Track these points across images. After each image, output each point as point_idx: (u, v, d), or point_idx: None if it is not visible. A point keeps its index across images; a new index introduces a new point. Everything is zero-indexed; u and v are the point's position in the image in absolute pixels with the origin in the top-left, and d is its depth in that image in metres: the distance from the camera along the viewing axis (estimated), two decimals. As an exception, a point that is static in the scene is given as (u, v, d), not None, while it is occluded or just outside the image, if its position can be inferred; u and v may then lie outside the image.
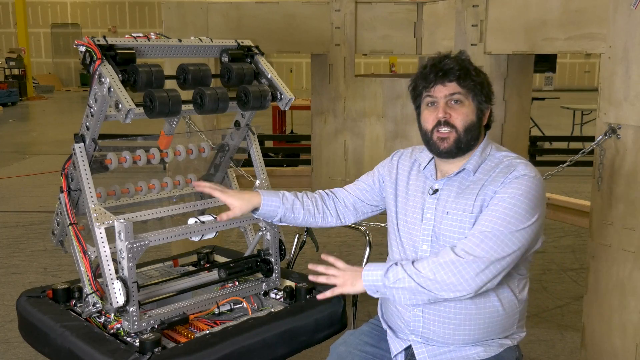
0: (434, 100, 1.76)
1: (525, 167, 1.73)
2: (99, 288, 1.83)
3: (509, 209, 1.65)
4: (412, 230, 1.84)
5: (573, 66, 24.49)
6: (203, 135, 2.82)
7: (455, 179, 1.79)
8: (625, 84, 2.36)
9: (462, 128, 1.73)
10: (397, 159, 1.99)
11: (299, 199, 1.97)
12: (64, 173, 1.93)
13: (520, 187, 1.68)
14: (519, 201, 1.66)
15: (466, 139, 1.74)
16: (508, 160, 1.76)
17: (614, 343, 2.52)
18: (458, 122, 1.74)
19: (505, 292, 1.75)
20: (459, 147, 1.75)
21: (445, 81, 1.73)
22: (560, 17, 2.71)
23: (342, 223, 2.06)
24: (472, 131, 1.75)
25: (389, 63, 21.58)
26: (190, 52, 1.98)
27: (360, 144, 3.62)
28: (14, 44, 23.31)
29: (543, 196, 1.72)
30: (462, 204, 1.74)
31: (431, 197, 1.81)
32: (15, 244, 5.14)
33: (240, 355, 1.72)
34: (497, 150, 1.81)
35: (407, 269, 1.65)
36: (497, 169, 1.75)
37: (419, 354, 1.79)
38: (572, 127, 10.54)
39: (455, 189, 1.78)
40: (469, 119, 1.74)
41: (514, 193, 1.67)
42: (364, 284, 1.70)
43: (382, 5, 3.54)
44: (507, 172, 1.72)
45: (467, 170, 1.77)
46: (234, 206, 1.88)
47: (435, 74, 1.74)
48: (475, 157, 1.78)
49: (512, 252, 1.64)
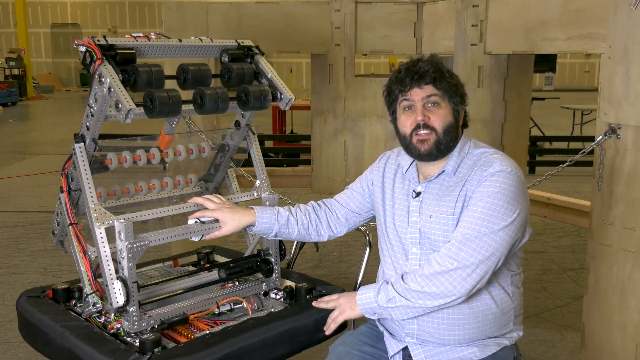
0: (411, 104, 1.77)
1: (501, 162, 1.72)
2: (99, 288, 1.83)
3: (488, 207, 1.65)
4: (400, 233, 1.84)
5: (573, 66, 24.49)
6: (203, 135, 2.82)
7: (436, 181, 1.79)
8: (625, 84, 2.36)
9: (442, 129, 1.74)
10: (384, 162, 2.00)
11: (293, 215, 1.97)
12: (64, 173, 1.93)
13: (496, 184, 1.67)
14: (497, 199, 1.66)
15: (446, 140, 1.75)
16: (485, 157, 1.76)
17: (614, 343, 2.52)
18: (437, 124, 1.74)
19: (497, 290, 1.76)
20: (439, 148, 1.76)
21: (422, 84, 1.74)
22: (560, 17, 2.70)
23: (334, 235, 2.07)
24: (450, 132, 1.76)
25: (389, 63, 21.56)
26: (190, 52, 1.98)
27: (360, 144, 3.62)
28: (14, 44, 23.31)
29: (522, 190, 1.72)
30: (445, 206, 1.74)
31: (415, 200, 1.82)
32: (15, 244, 5.14)
33: (240, 355, 1.72)
34: (476, 147, 1.81)
35: (397, 287, 1.70)
36: (476, 166, 1.75)
37: (415, 355, 1.80)
38: (572, 127, 10.54)
39: (437, 191, 1.78)
40: (447, 120, 1.75)
41: (491, 191, 1.67)
42: (360, 308, 1.78)
43: (382, 5, 3.54)
44: (484, 169, 1.72)
45: (447, 172, 1.78)
46: (225, 223, 1.87)
47: (411, 77, 1.74)
48: (453, 157, 1.78)
49: (495, 251, 1.65)
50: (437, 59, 1.79)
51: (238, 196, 2.18)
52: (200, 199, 1.93)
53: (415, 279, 1.68)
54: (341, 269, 4.46)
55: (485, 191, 1.68)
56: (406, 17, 3.55)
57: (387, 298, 1.71)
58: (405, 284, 1.69)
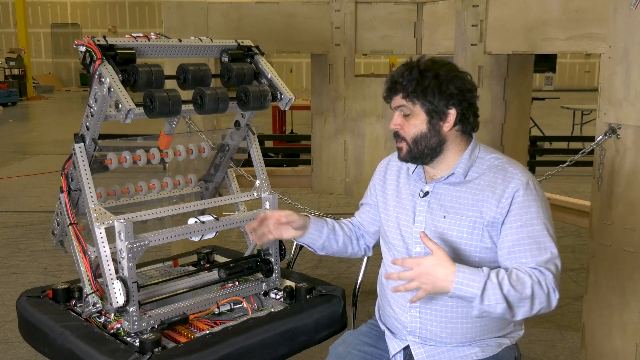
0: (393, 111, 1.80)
1: (521, 174, 1.71)
2: (99, 288, 1.83)
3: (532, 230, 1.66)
4: (403, 232, 1.84)
5: (573, 66, 24.49)
6: (203, 135, 2.82)
7: (446, 182, 1.79)
8: (625, 84, 2.36)
9: (410, 140, 1.75)
10: (384, 166, 2.00)
11: (337, 224, 2.00)
12: (64, 173, 1.94)
13: (531, 202, 1.68)
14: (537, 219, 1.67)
15: (417, 149, 1.75)
16: (500, 163, 1.76)
17: (614, 343, 2.52)
18: (406, 134, 1.75)
19: None
20: (412, 156, 1.77)
21: (392, 95, 1.76)
22: (560, 17, 2.70)
23: (369, 249, 2.09)
24: (422, 141, 1.74)
25: (389, 63, 21.56)
26: (190, 52, 1.98)
27: (360, 144, 3.62)
28: (14, 44, 23.30)
29: (542, 193, 1.74)
30: (459, 208, 1.74)
31: (422, 200, 1.81)
32: (15, 244, 5.14)
33: (240, 355, 1.72)
34: (486, 152, 1.81)
35: (507, 294, 1.54)
36: (491, 173, 1.74)
37: (417, 354, 1.79)
38: (572, 127, 10.54)
39: (449, 192, 1.78)
40: (417, 130, 1.73)
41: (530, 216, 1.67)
42: (454, 292, 1.54)
43: (382, 5, 3.54)
44: (505, 181, 1.70)
45: (456, 175, 1.77)
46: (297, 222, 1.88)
47: (386, 88, 1.78)
48: (463, 160, 1.77)
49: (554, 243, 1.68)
50: (422, 62, 1.74)
51: (238, 196, 2.18)
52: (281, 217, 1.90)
53: (523, 281, 1.58)
54: (341, 269, 4.46)
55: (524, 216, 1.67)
56: (406, 17, 3.55)
57: (489, 302, 1.53)
58: (517, 292, 1.56)
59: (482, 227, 1.70)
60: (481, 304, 1.53)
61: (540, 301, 1.58)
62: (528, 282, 1.56)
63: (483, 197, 1.71)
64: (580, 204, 3.20)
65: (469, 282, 1.53)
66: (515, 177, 1.70)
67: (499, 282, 1.54)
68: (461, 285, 1.52)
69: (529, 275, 1.58)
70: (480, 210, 1.71)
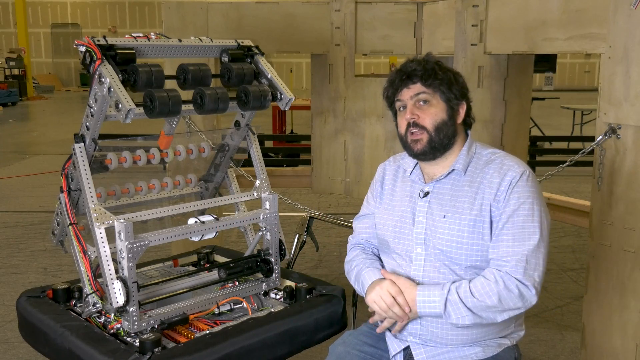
0: (403, 104, 1.78)
1: (517, 166, 1.74)
2: (99, 288, 1.83)
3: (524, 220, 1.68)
4: (403, 234, 1.83)
5: (573, 66, 24.50)
6: (203, 135, 2.82)
7: (446, 181, 1.79)
8: (625, 84, 2.36)
9: (432, 127, 1.75)
10: (382, 171, 2.00)
11: (377, 259, 1.95)
12: (64, 173, 1.94)
13: (526, 194, 1.70)
14: (530, 210, 1.68)
15: (438, 137, 1.75)
16: (496, 157, 1.78)
17: (614, 343, 2.52)
18: (427, 122, 1.75)
19: None
20: (432, 147, 1.76)
21: (409, 83, 1.75)
22: (560, 17, 2.70)
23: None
24: (443, 129, 1.75)
25: (389, 63, 21.57)
26: (190, 52, 1.98)
27: (361, 144, 3.62)
28: (14, 44, 23.32)
29: (537, 185, 1.76)
30: (459, 207, 1.74)
31: (422, 200, 1.81)
32: (15, 244, 5.14)
33: (240, 355, 1.72)
34: (483, 148, 1.83)
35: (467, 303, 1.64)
36: (489, 168, 1.75)
37: (417, 354, 1.79)
38: (572, 127, 10.54)
39: (449, 191, 1.78)
40: (439, 117, 1.75)
41: (524, 206, 1.69)
42: (420, 313, 1.71)
43: (382, 5, 3.54)
44: (501, 173, 1.73)
45: (457, 171, 1.78)
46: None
47: (400, 78, 1.77)
48: (462, 156, 1.78)
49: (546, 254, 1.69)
50: (431, 57, 1.79)
51: (238, 196, 2.18)
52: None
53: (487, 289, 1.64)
54: (341, 269, 4.45)
55: (517, 204, 1.69)
56: (406, 17, 3.55)
57: (455, 316, 1.66)
58: (477, 300, 1.64)
59: (483, 225, 1.70)
60: (449, 319, 1.66)
61: (514, 303, 1.64)
62: (494, 290, 1.62)
63: (482, 193, 1.72)
64: (580, 204, 3.19)
65: (429, 303, 1.67)
66: (511, 169, 1.73)
67: (461, 297, 1.64)
68: (423, 305, 1.68)
69: (495, 282, 1.63)
70: (480, 208, 1.71)
